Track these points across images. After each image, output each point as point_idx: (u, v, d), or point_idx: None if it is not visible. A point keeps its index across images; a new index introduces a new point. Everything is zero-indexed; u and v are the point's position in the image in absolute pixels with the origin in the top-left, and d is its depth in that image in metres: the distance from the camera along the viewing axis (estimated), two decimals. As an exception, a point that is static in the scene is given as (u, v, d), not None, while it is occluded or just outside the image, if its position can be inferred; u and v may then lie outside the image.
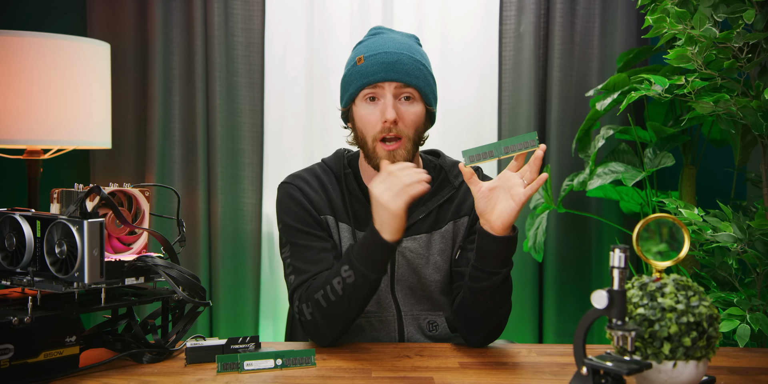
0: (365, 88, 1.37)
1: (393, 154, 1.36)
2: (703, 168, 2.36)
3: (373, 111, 1.37)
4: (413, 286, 1.45)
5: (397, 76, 1.35)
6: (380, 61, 1.36)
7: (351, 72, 1.40)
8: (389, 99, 1.35)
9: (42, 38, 1.94)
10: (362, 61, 1.37)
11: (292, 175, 1.49)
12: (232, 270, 2.42)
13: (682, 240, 1.02)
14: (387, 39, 1.41)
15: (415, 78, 1.36)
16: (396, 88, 1.35)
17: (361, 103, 1.39)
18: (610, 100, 2.00)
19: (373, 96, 1.37)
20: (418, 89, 1.37)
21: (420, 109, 1.38)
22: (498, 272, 1.27)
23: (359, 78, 1.37)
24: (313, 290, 1.31)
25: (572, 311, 2.45)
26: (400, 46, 1.38)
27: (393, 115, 1.34)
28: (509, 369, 1.22)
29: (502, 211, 1.22)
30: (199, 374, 1.15)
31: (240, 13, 2.41)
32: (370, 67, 1.36)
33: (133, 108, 2.44)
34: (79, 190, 1.18)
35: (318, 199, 1.44)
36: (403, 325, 1.44)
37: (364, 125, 1.38)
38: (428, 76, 1.40)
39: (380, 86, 1.36)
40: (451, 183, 1.48)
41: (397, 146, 1.36)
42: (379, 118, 1.36)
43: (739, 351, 1.37)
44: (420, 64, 1.38)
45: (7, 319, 1.04)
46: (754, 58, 1.74)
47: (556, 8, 2.43)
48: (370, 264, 1.25)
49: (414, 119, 1.37)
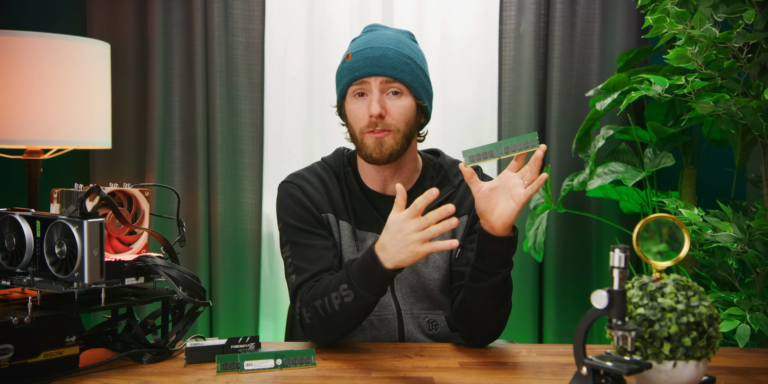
0: (353, 83, 1.38)
1: (380, 141, 1.36)
2: (703, 168, 2.36)
3: (361, 106, 1.38)
4: (413, 285, 1.45)
5: (382, 71, 1.35)
6: (365, 56, 1.37)
7: (340, 69, 1.42)
8: (375, 94, 1.36)
9: (42, 38, 1.94)
10: (350, 58, 1.39)
11: (293, 175, 1.49)
12: (232, 270, 2.42)
13: (682, 240, 1.02)
14: (377, 35, 1.42)
15: (400, 72, 1.36)
16: (382, 83, 1.36)
17: (351, 99, 1.40)
18: (610, 100, 2.00)
19: (361, 91, 1.38)
20: (404, 83, 1.37)
21: (408, 102, 1.38)
22: (498, 272, 1.27)
23: (347, 74, 1.39)
24: (312, 297, 1.30)
25: (572, 311, 2.45)
26: (388, 41, 1.39)
27: (377, 109, 1.34)
28: (509, 369, 1.22)
29: (502, 212, 1.21)
30: (199, 374, 1.15)
31: (240, 13, 2.41)
32: (356, 63, 1.37)
33: (133, 108, 2.44)
34: (79, 190, 1.18)
35: (319, 198, 1.44)
36: (403, 324, 1.44)
37: (353, 120, 1.40)
38: (416, 70, 1.39)
39: (366, 82, 1.37)
40: (451, 182, 1.48)
41: (385, 135, 1.36)
42: (365, 113, 1.37)
43: (739, 351, 1.37)
44: (407, 58, 1.38)
45: (7, 319, 1.04)
46: (754, 58, 1.74)
47: (556, 8, 2.43)
48: (369, 287, 1.22)
49: (402, 112, 1.37)
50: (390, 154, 1.37)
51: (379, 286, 1.22)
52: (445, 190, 1.47)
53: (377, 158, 1.37)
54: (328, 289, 1.27)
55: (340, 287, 1.24)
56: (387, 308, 1.44)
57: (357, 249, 1.43)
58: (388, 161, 1.38)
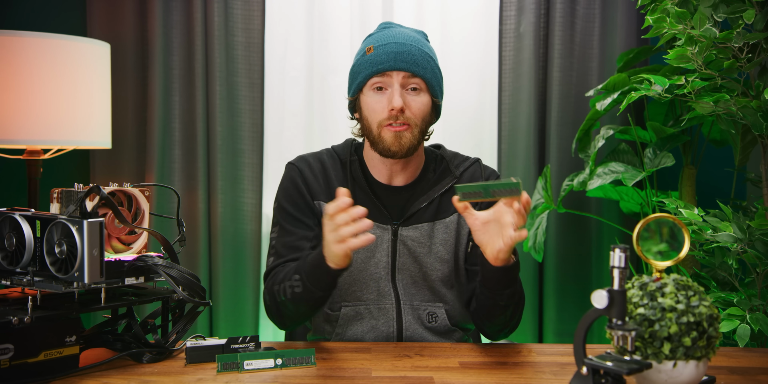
0: (374, 76, 1.39)
1: (399, 135, 1.37)
2: (703, 168, 2.36)
3: (380, 99, 1.39)
4: (414, 275, 1.46)
5: (406, 66, 1.37)
6: (390, 50, 1.38)
7: (360, 61, 1.42)
8: (397, 88, 1.37)
9: (42, 38, 1.94)
10: (371, 51, 1.40)
11: (299, 157, 1.53)
12: (232, 270, 2.43)
13: (682, 240, 1.02)
14: (397, 32, 1.44)
15: (422, 69, 1.38)
16: (404, 78, 1.38)
17: (369, 92, 1.41)
18: (610, 100, 2.00)
19: (380, 85, 1.39)
20: (425, 80, 1.39)
21: (426, 99, 1.41)
22: (501, 293, 1.30)
23: (368, 67, 1.39)
24: (273, 281, 1.37)
25: (572, 311, 2.45)
26: (409, 38, 1.41)
27: (400, 102, 1.36)
28: (509, 369, 1.22)
29: (493, 249, 1.20)
30: (199, 374, 1.15)
31: (240, 13, 2.41)
32: (379, 56, 1.38)
33: (133, 108, 2.44)
34: (79, 190, 1.18)
35: (315, 184, 1.47)
36: (402, 315, 1.45)
37: (371, 113, 1.40)
38: (435, 69, 1.42)
39: (388, 75, 1.38)
40: (452, 173, 1.50)
41: (404, 129, 1.38)
42: (385, 106, 1.38)
43: (739, 351, 1.37)
44: (428, 56, 1.41)
45: (7, 319, 1.04)
46: (754, 58, 1.74)
47: (556, 8, 2.43)
48: (315, 283, 1.27)
49: (421, 108, 1.40)
50: (408, 148, 1.39)
51: (325, 282, 1.27)
52: (447, 180, 1.49)
53: (395, 151, 1.39)
54: (285, 277, 1.33)
55: (293, 277, 1.30)
56: (386, 298, 1.45)
57: None
58: (405, 155, 1.40)
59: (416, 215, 1.46)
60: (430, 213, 1.46)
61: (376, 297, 1.45)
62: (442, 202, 1.47)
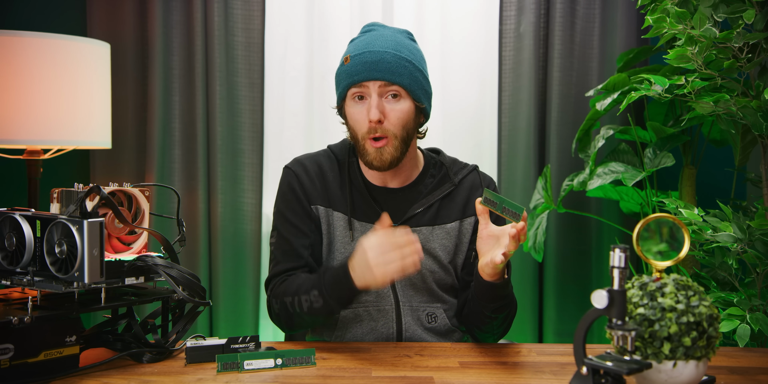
0: (352, 87, 1.39)
1: (380, 151, 1.39)
2: (703, 168, 2.36)
3: (361, 110, 1.40)
4: (412, 277, 1.47)
5: (380, 75, 1.36)
6: (363, 60, 1.38)
7: (339, 71, 1.43)
8: (374, 99, 1.37)
9: (42, 38, 1.94)
10: (348, 61, 1.40)
11: (295, 160, 1.53)
12: (232, 270, 2.43)
13: (682, 240, 1.02)
14: (375, 36, 1.42)
15: (399, 76, 1.37)
16: (380, 87, 1.37)
17: (351, 102, 1.42)
18: (610, 100, 2.00)
19: (360, 95, 1.40)
20: (403, 86, 1.38)
21: (407, 105, 1.40)
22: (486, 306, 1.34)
23: (345, 78, 1.40)
24: (284, 292, 1.38)
25: (572, 311, 2.45)
26: (386, 44, 1.40)
27: (376, 115, 1.36)
28: (509, 369, 1.22)
29: (486, 264, 1.25)
30: (199, 374, 1.15)
31: (240, 13, 2.41)
32: (354, 67, 1.38)
33: (133, 108, 2.44)
34: (79, 190, 1.18)
35: (311, 188, 1.47)
36: (401, 316, 1.45)
37: (354, 124, 1.42)
38: (415, 73, 1.40)
39: (365, 85, 1.38)
40: (451, 179, 1.50)
41: (384, 144, 1.39)
42: (365, 118, 1.38)
43: (739, 351, 1.37)
44: (405, 61, 1.39)
45: (7, 319, 1.04)
46: (754, 58, 1.74)
47: (556, 8, 2.43)
48: (338, 300, 1.30)
49: (400, 116, 1.39)
50: (390, 162, 1.40)
51: (348, 299, 1.30)
52: (446, 186, 1.50)
53: (378, 166, 1.41)
54: (300, 290, 1.34)
55: (312, 292, 1.32)
56: (385, 299, 1.45)
57: (351, 238, 1.45)
58: (389, 168, 1.42)
59: (414, 219, 1.47)
60: (428, 217, 1.47)
61: (375, 299, 1.45)
62: (442, 208, 1.48)
